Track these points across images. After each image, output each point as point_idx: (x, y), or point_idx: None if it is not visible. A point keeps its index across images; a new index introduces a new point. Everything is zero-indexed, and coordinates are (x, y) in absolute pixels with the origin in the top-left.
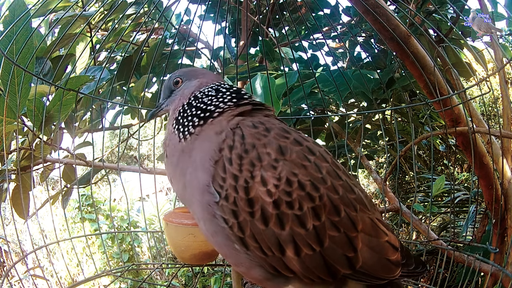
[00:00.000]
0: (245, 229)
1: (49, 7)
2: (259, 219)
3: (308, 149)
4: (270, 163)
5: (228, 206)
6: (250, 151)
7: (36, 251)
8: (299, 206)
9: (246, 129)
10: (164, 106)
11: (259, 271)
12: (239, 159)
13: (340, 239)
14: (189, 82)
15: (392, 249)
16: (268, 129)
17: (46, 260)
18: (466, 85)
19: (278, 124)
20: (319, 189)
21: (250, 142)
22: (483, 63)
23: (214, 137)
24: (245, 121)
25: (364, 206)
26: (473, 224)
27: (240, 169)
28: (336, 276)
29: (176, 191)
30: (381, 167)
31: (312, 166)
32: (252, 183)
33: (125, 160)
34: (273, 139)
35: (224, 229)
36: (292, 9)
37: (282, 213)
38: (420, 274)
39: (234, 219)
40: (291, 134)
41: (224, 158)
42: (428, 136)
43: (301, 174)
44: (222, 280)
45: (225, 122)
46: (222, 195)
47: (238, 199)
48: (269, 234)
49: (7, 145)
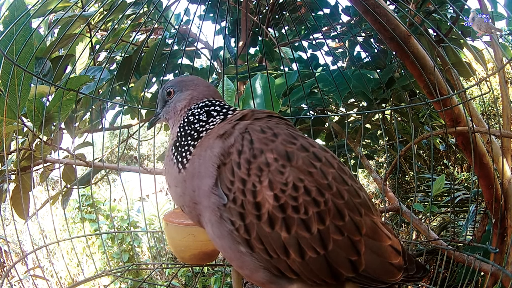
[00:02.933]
0: (251, 231)
1: (48, 7)
2: (266, 222)
3: (314, 155)
4: (277, 169)
5: (235, 209)
6: (258, 156)
7: (36, 251)
8: (305, 211)
9: (254, 134)
10: (161, 116)
11: (262, 274)
12: (248, 164)
13: (344, 243)
14: (180, 93)
15: (394, 253)
16: (276, 134)
17: (46, 260)
18: (466, 85)
19: (286, 130)
20: (324, 195)
21: (258, 148)
22: (483, 63)
23: (215, 142)
24: (253, 125)
25: (369, 210)
26: (473, 224)
27: (248, 173)
28: (339, 279)
29: (188, 214)
30: (381, 167)
31: (318, 173)
32: (260, 187)
33: (125, 160)
34: (281, 145)
35: (231, 231)
36: (292, 9)
37: (288, 217)
38: (421, 279)
39: (241, 221)
40: (298, 140)
41: (233, 162)
42: (428, 136)
43: (307, 180)
44: (222, 280)
45: (228, 126)
46: (230, 197)
47: (246, 202)
48: (274, 237)
49: (7, 145)
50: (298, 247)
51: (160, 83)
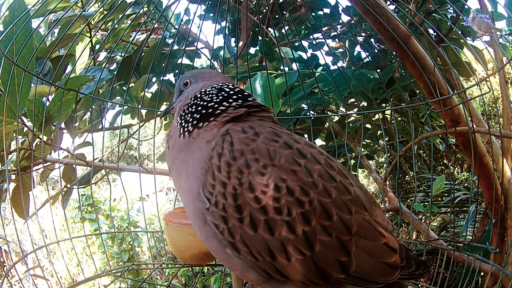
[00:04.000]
0: (235, 234)
1: (48, 7)
2: (248, 225)
3: (298, 152)
4: (258, 170)
5: (217, 212)
6: (238, 158)
7: (36, 251)
8: (288, 212)
9: (235, 135)
10: (175, 105)
11: (253, 275)
12: (228, 166)
13: (332, 244)
14: (196, 84)
15: (390, 251)
16: (257, 133)
17: (46, 260)
18: (466, 85)
19: (269, 128)
20: (309, 194)
21: (239, 149)
22: (483, 63)
23: (205, 147)
24: (235, 126)
25: (361, 207)
26: (473, 224)
27: (229, 176)
28: (329, 280)
29: (174, 183)
30: (381, 167)
31: (302, 171)
32: (240, 190)
33: (125, 160)
34: (262, 143)
35: (215, 234)
36: (292, 9)
37: (270, 219)
38: (421, 276)
39: (224, 224)
40: (281, 137)
41: (214, 166)
42: (428, 136)
43: (290, 179)
44: (222, 280)
45: (215, 130)
46: (212, 201)
47: (227, 206)
48: (258, 239)
49: (7, 145)
50: (283, 249)
51: (160, 83)
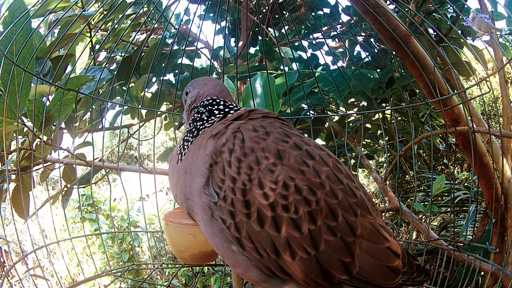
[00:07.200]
0: (241, 229)
1: (48, 7)
2: (255, 221)
3: (307, 153)
4: (267, 167)
5: (225, 207)
6: (249, 154)
7: (36, 251)
8: (295, 210)
9: (246, 133)
10: (183, 115)
11: (255, 273)
12: (238, 162)
13: (337, 244)
14: (192, 92)
15: (392, 255)
16: (268, 133)
17: (46, 260)
18: (466, 85)
19: (279, 128)
20: (316, 194)
21: (249, 146)
22: (483, 63)
23: (208, 142)
24: (246, 124)
25: (366, 211)
26: (473, 224)
27: (239, 172)
28: (332, 281)
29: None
30: (381, 167)
31: (310, 171)
32: (249, 186)
33: (125, 160)
34: (272, 143)
35: (222, 229)
36: (292, 9)
37: (277, 216)
38: (422, 283)
39: (231, 219)
40: (291, 138)
41: (224, 161)
42: (428, 136)
43: (298, 178)
44: (222, 280)
45: (222, 126)
46: (221, 196)
47: (236, 201)
48: (264, 236)
49: (7, 145)
50: (288, 247)
51: (160, 83)
